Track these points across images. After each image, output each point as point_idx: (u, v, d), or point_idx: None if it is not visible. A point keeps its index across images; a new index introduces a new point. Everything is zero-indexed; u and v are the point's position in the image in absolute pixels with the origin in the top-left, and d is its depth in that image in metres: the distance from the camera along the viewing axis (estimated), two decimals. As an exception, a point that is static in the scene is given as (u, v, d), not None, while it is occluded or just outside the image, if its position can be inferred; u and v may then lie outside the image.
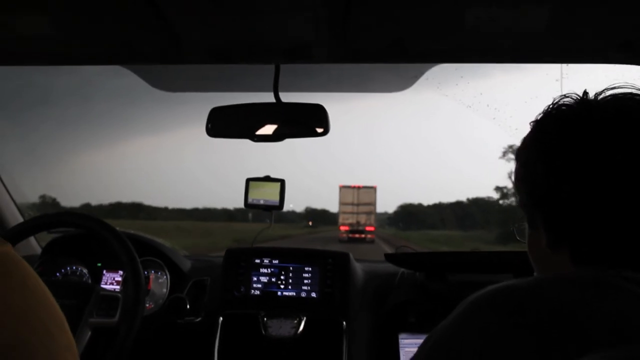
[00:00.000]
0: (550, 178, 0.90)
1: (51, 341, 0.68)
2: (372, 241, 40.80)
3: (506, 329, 0.76)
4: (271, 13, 1.38)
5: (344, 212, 44.34)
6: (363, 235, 42.36)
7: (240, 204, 2.25)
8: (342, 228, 43.43)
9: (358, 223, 43.34)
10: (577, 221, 0.87)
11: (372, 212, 44.57)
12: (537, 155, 0.94)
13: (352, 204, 44.37)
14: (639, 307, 0.74)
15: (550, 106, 0.95)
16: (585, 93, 0.92)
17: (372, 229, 43.65)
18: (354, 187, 45.39)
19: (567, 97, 0.93)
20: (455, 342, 0.82)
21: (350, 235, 42.12)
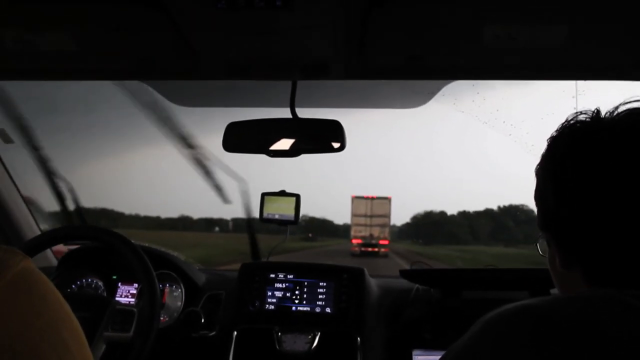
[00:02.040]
0: (560, 197, 0.90)
1: (68, 355, 0.68)
2: (385, 255, 39.13)
3: (521, 348, 0.76)
4: (289, 30, 1.39)
5: (357, 225, 41.55)
6: (376, 249, 39.96)
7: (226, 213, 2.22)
8: (355, 241, 40.91)
9: (371, 236, 40.85)
10: (588, 241, 0.86)
11: (386, 225, 42.00)
12: (548, 174, 0.94)
13: (365, 216, 41.91)
14: None
15: (564, 123, 0.94)
16: (598, 110, 0.91)
17: (386, 242, 41.05)
18: (367, 198, 43.15)
19: (582, 114, 0.92)
20: (473, 357, 0.82)
21: (363, 249, 40.15)
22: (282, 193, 2.19)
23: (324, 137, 1.87)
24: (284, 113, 1.87)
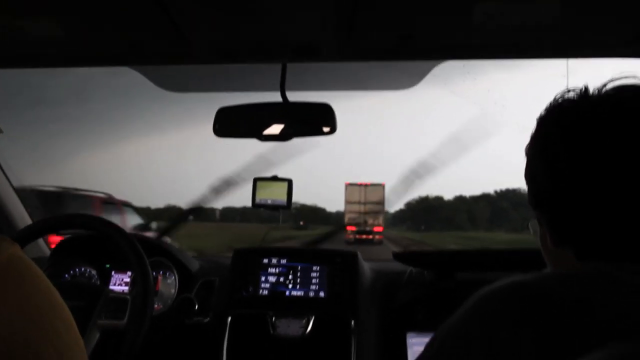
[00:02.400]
0: (549, 176, 0.90)
1: (60, 342, 0.68)
2: (380, 242, 39.06)
3: (514, 323, 0.77)
4: (278, 12, 1.38)
5: (351, 212, 42.67)
6: (371, 236, 39.42)
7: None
8: (349, 228, 40.52)
9: (365, 223, 40.36)
10: (578, 219, 0.87)
11: (380, 212, 42.04)
12: (537, 153, 0.94)
13: (359, 203, 42.63)
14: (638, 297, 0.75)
15: (552, 102, 0.95)
16: (586, 88, 0.91)
17: (380, 229, 40.85)
18: (360, 185, 43.42)
19: (570, 91, 0.93)
20: (464, 334, 0.83)
21: (358, 236, 39.74)
22: (274, 178, 2.19)
23: (314, 121, 1.87)
24: (275, 97, 1.87)
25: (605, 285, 0.77)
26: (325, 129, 1.85)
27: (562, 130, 0.89)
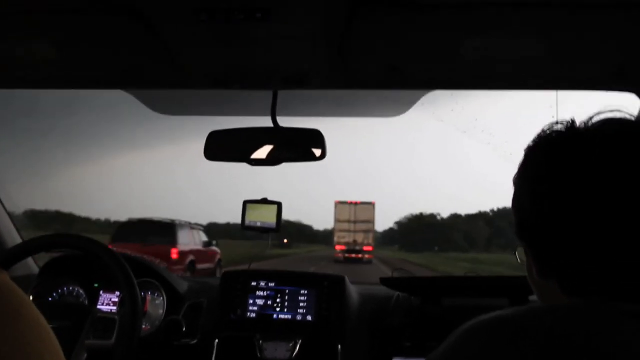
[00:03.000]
0: (535, 208, 0.90)
1: None
2: (369, 262, 38.68)
3: (498, 359, 0.76)
4: (269, 41, 1.40)
5: (340, 230, 41.95)
6: (360, 256, 39.99)
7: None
8: (338, 247, 40.97)
9: (355, 242, 40.99)
10: (562, 253, 0.86)
11: (370, 231, 42.31)
12: (525, 184, 0.94)
13: (349, 222, 42.05)
14: (631, 338, 0.74)
15: (540, 133, 0.94)
16: (573, 120, 0.91)
17: (370, 248, 41.22)
18: (350, 203, 43.14)
19: (558, 124, 0.92)
20: None
21: (347, 255, 40.02)
22: (264, 201, 2.20)
23: (305, 146, 1.88)
24: (266, 122, 1.88)
25: (588, 322, 0.77)
26: (316, 154, 1.86)
27: (548, 164, 0.90)
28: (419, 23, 1.34)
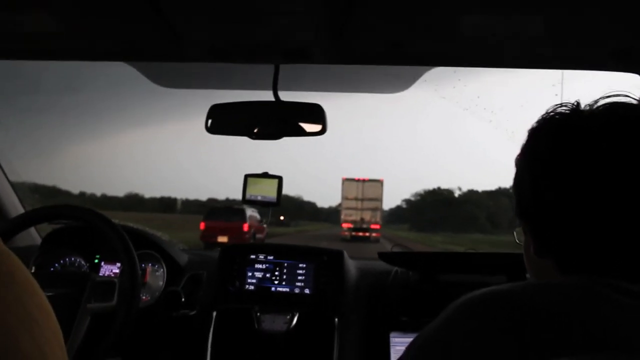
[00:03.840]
0: (536, 188, 0.91)
1: (37, 329, 0.69)
2: (377, 240, 37.53)
3: (490, 333, 0.77)
4: (271, 14, 1.40)
5: (347, 208, 40.48)
6: (367, 234, 38.71)
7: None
8: (345, 225, 39.81)
9: (362, 220, 39.63)
10: (561, 231, 0.88)
11: (378, 209, 40.77)
12: (526, 164, 0.95)
13: (356, 199, 40.41)
14: (625, 316, 0.75)
15: (544, 115, 0.95)
16: (578, 103, 0.91)
17: (377, 227, 39.75)
18: (358, 180, 41.37)
19: (563, 105, 0.93)
20: (440, 345, 0.83)
21: (354, 233, 38.86)
22: (265, 175, 2.21)
23: (306, 121, 1.89)
24: (267, 96, 1.89)
25: (588, 298, 0.78)
26: (317, 129, 1.87)
27: (551, 145, 0.90)
28: None
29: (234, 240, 20.90)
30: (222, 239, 22.36)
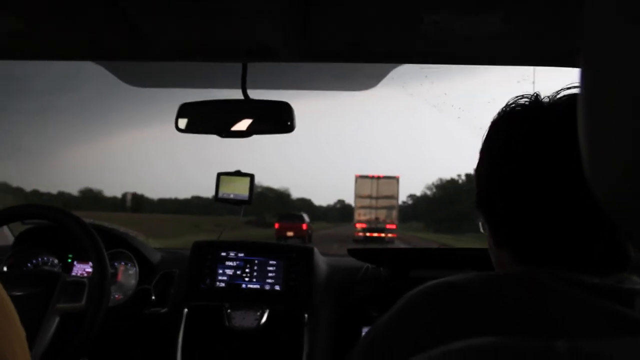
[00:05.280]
0: (492, 177, 0.92)
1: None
2: (392, 241, 36.25)
3: (439, 323, 0.79)
4: (233, 13, 1.41)
5: (361, 207, 38.43)
6: (383, 235, 36.67)
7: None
8: (359, 225, 37.67)
9: (377, 220, 37.71)
10: (515, 222, 0.89)
11: (393, 207, 38.70)
12: (485, 154, 0.96)
13: (370, 197, 38.54)
14: (545, 298, 0.76)
15: (505, 107, 0.96)
16: (537, 95, 0.92)
17: (393, 226, 37.69)
18: (372, 177, 39.24)
19: (523, 97, 0.93)
20: (392, 335, 0.85)
21: (369, 234, 36.81)
22: (237, 173, 2.22)
23: (274, 118, 1.90)
24: (237, 94, 1.90)
25: (536, 289, 0.78)
26: (285, 127, 1.89)
27: (508, 134, 0.91)
28: None
29: (297, 235, 32.03)
30: (290, 233, 32.38)
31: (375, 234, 36.79)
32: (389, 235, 36.98)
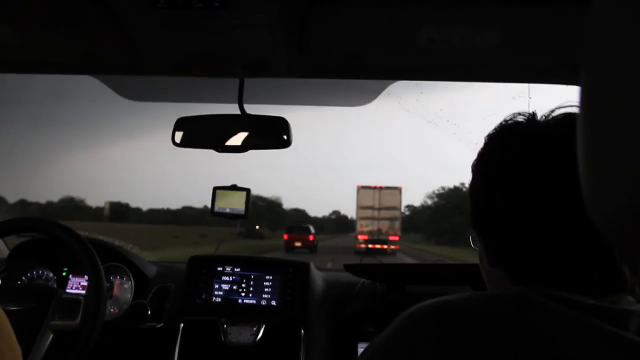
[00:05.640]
0: (489, 196, 0.91)
1: None
2: (394, 253, 35.39)
3: (433, 342, 0.79)
4: (229, 29, 1.41)
5: (363, 218, 37.85)
6: (385, 246, 35.76)
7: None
8: (360, 237, 36.92)
9: (379, 231, 36.89)
10: (511, 242, 0.88)
11: (396, 218, 37.92)
12: (481, 172, 0.95)
13: (372, 208, 37.86)
14: (547, 320, 0.76)
15: (501, 123, 0.95)
16: (534, 113, 0.92)
17: (396, 238, 36.94)
18: (374, 188, 38.54)
19: (520, 115, 0.94)
20: (390, 353, 0.84)
21: (371, 245, 35.60)
22: (234, 187, 2.21)
23: (271, 134, 1.90)
24: (233, 109, 1.90)
25: (521, 305, 0.79)
26: (281, 142, 1.89)
27: (505, 154, 0.91)
28: (377, 12, 1.37)
29: (304, 245, 34.99)
30: (298, 244, 35.12)
31: (378, 246, 35.82)
32: (392, 247, 36.29)
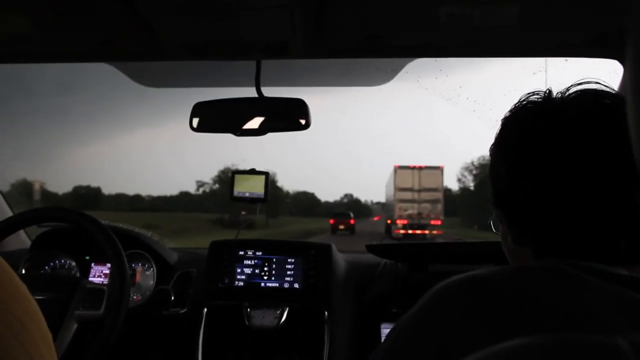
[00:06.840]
0: (511, 176, 0.92)
1: (26, 335, 0.69)
2: (434, 240, 28.85)
3: (463, 315, 0.80)
4: (247, 11, 1.40)
5: (402, 200, 33.56)
6: (426, 231, 32.52)
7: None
8: (399, 222, 33.18)
9: (420, 215, 33.15)
10: (537, 219, 0.89)
11: (438, 200, 33.61)
12: (501, 154, 0.96)
13: (412, 190, 33.50)
14: (583, 291, 0.77)
15: (517, 104, 0.96)
16: (550, 91, 0.93)
17: (438, 222, 33.14)
18: (413, 168, 33.96)
19: (535, 94, 0.94)
20: (419, 330, 0.85)
21: (411, 231, 32.62)
22: (252, 171, 2.21)
23: (289, 116, 1.89)
24: (251, 92, 1.89)
25: (553, 277, 0.79)
26: (300, 124, 1.87)
27: (524, 132, 0.91)
28: None
29: (346, 228, 43.21)
30: (342, 227, 43.26)
31: (419, 231, 32.65)
32: (433, 232, 32.81)
